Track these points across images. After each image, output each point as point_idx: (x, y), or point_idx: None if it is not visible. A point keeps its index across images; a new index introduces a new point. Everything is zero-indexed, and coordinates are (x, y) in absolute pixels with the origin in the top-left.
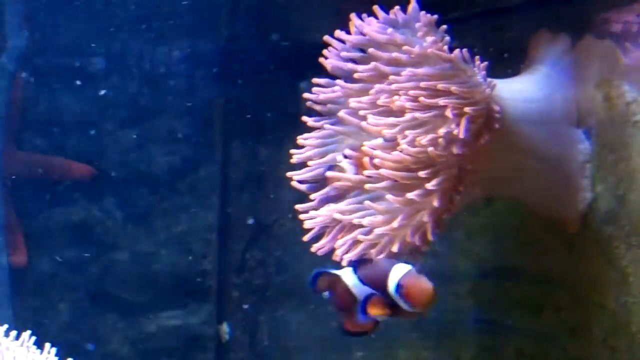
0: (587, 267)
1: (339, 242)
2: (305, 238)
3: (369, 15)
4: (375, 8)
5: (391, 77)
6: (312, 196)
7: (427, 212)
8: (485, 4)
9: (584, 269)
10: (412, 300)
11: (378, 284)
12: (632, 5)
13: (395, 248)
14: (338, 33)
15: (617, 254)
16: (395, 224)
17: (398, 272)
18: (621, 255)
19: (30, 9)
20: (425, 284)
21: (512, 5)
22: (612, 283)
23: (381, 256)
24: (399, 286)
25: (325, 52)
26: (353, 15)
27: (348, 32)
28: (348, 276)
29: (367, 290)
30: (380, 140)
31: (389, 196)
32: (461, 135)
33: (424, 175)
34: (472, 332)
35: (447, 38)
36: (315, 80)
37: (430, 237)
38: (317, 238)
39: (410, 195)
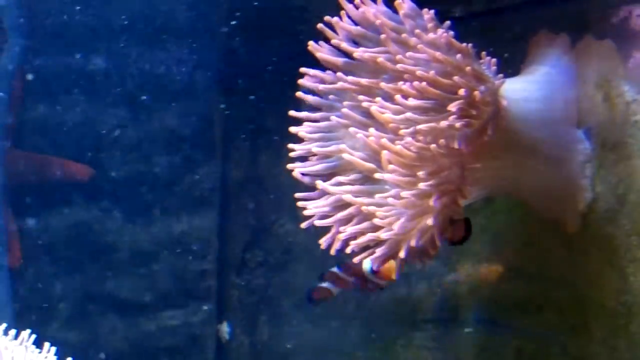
0: (587, 267)
1: (350, 229)
2: (303, 225)
3: None
4: (368, 2)
5: (398, 57)
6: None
7: (432, 216)
8: (485, 4)
9: (584, 269)
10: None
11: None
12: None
13: (402, 254)
14: (336, 22)
15: (617, 254)
16: (395, 227)
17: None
18: (621, 255)
19: (30, 9)
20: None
21: (512, 5)
22: (612, 283)
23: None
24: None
25: (311, 44)
26: (344, 2)
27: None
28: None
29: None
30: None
31: (391, 200)
32: (454, 108)
33: (424, 177)
34: (472, 332)
35: (452, 33)
36: (303, 70)
37: (438, 242)
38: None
39: (412, 197)
